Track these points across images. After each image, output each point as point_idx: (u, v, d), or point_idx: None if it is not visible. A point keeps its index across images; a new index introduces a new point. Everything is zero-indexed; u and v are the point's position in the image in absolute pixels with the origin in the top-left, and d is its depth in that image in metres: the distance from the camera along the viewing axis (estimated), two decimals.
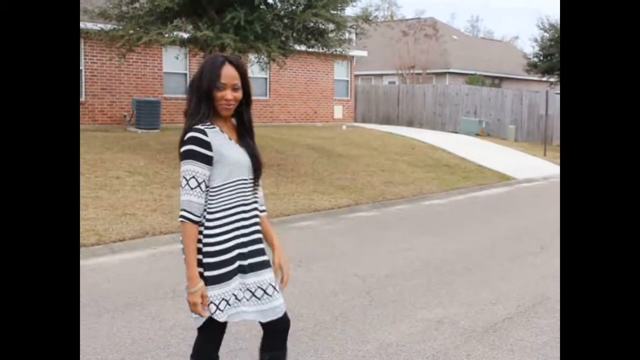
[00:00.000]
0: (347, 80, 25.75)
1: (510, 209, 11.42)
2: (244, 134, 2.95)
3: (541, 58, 32.59)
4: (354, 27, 14.25)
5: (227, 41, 11.37)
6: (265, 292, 2.86)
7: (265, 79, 22.06)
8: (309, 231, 8.74)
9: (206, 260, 2.75)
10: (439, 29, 34.93)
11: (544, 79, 34.08)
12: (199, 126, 2.73)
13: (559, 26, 31.58)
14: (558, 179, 15.97)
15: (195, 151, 2.71)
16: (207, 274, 2.74)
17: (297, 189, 11.18)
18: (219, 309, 2.77)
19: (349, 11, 26.20)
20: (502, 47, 43.35)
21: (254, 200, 2.94)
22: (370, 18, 14.23)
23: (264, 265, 2.90)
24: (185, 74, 19.23)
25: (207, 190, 2.76)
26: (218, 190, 2.78)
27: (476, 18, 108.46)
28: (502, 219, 10.26)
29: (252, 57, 13.88)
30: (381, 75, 35.95)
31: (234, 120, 2.98)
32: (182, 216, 2.73)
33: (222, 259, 2.76)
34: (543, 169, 17.21)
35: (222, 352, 3.03)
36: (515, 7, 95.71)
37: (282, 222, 9.14)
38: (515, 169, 16.40)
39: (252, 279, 2.85)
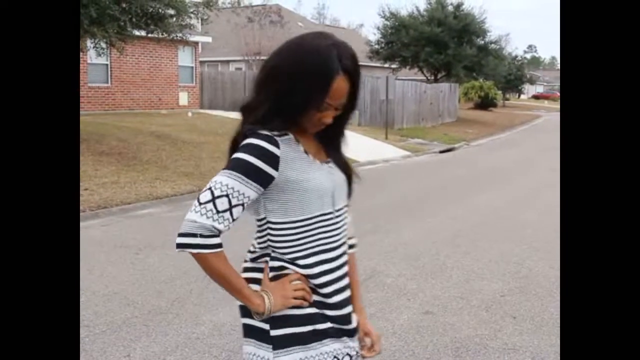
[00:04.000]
0: (192, 67, 25.45)
1: None
2: (332, 143, 2.03)
3: (382, 45, 33.98)
4: (195, 12, 14.13)
5: None
6: None
7: (107, 65, 21.34)
8: (149, 218, 8.65)
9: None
10: (284, 16, 35.39)
11: (386, 65, 35.56)
12: (267, 132, 1.83)
13: (399, 14, 33.04)
14: (398, 162, 16.80)
15: (252, 165, 1.80)
16: (274, 332, 1.94)
17: (138, 177, 10.99)
18: None
19: None
20: (347, 35, 44.59)
21: (343, 241, 2.03)
22: (211, 4, 14.19)
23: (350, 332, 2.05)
24: None
25: (236, 221, 1.92)
26: (288, 229, 1.95)
27: (322, 5, 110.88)
28: None
29: (88, 42, 13.40)
30: (228, 62, 35.90)
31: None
32: (191, 245, 1.89)
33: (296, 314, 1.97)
34: (384, 152, 18.00)
35: None
36: None
37: (123, 210, 8.98)
38: (357, 152, 16.99)
39: (333, 345, 1.97)
